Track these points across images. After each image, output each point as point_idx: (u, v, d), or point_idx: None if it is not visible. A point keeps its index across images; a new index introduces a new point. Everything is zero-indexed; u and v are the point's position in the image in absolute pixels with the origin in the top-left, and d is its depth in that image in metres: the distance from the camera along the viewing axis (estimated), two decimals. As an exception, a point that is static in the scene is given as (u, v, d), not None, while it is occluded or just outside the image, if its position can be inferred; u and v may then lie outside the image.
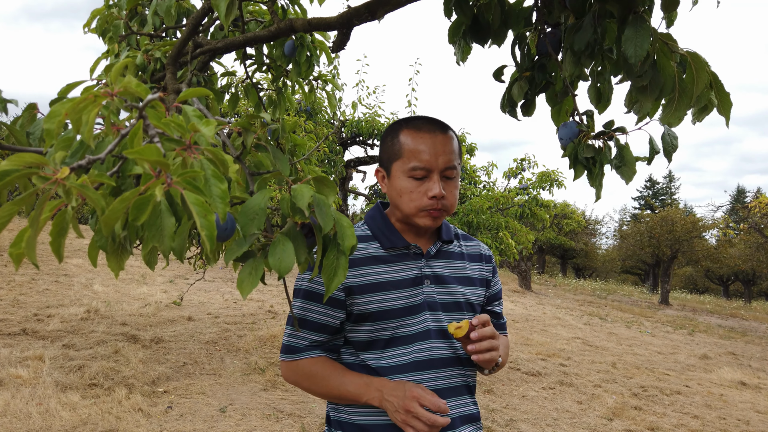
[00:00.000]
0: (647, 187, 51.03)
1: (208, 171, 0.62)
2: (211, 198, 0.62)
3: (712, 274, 27.44)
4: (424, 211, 1.30)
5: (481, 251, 1.50)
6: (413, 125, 1.32)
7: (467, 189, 6.89)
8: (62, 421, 3.68)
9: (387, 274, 1.33)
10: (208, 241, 0.54)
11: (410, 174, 1.29)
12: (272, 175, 0.90)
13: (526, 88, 1.33)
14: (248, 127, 0.91)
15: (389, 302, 1.31)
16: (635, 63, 1.02)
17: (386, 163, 1.36)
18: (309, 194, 0.86)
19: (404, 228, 1.39)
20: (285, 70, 1.85)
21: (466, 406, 1.37)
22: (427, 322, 1.33)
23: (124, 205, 0.53)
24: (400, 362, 1.31)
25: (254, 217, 0.87)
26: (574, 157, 1.21)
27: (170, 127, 0.59)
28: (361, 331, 1.32)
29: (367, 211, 1.57)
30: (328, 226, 0.88)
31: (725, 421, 5.18)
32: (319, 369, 1.31)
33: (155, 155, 0.49)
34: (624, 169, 1.21)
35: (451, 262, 1.41)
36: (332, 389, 1.30)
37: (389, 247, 1.35)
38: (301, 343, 1.32)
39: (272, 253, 0.87)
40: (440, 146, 1.29)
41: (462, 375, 1.37)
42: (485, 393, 5.33)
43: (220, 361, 5.42)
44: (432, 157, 1.27)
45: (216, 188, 0.61)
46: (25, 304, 6.83)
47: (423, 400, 1.19)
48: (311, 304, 1.32)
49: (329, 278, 0.91)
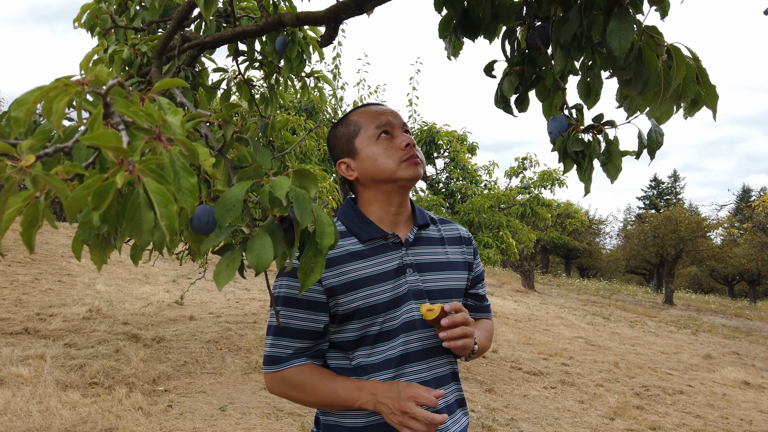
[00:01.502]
0: (652, 186, 50.85)
1: (177, 163, 0.61)
2: (180, 192, 0.61)
3: (717, 273, 27.31)
4: (405, 162, 1.31)
5: (459, 234, 1.48)
6: (359, 107, 1.40)
7: (468, 188, 6.88)
8: (62, 419, 3.69)
9: (368, 269, 1.30)
10: (168, 231, 0.53)
11: (377, 134, 1.33)
12: (252, 168, 0.89)
13: (516, 82, 1.32)
14: (228, 120, 0.90)
15: (374, 297, 1.28)
16: (619, 56, 1.01)
17: (347, 148, 1.37)
18: (287, 186, 0.85)
19: (380, 218, 1.36)
20: (277, 66, 1.84)
21: (453, 392, 1.38)
22: (412, 312, 1.31)
23: (86, 193, 0.52)
24: (389, 356, 1.29)
25: (231, 209, 0.86)
26: (564, 151, 1.20)
27: (139, 116, 0.59)
28: (349, 330, 1.29)
29: (338, 209, 1.57)
30: (306, 221, 0.87)
31: (728, 420, 5.15)
32: (306, 377, 1.27)
33: (113, 141, 0.49)
34: (610, 166, 1.20)
35: (431, 247, 1.39)
36: (323, 397, 1.26)
37: (367, 240, 1.32)
38: (285, 352, 1.28)
39: (250, 248, 0.86)
40: (389, 111, 1.36)
41: (449, 362, 1.37)
42: (486, 392, 5.31)
43: (221, 360, 5.42)
44: (389, 117, 1.34)
45: (185, 181, 0.61)
46: (27, 303, 6.86)
47: (420, 398, 1.16)
48: (292, 310, 1.27)
49: (305, 275, 0.90)
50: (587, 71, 1.30)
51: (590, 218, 29.73)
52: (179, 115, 0.58)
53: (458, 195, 6.96)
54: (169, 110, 0.60)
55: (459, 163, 7.07)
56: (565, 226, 19.82)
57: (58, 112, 0.62)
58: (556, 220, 19.53)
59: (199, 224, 0.93)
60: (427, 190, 7.34)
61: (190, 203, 0.59)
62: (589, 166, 1.20)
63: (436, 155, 7.27)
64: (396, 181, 1.32)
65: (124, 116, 0.61)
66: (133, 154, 0.57)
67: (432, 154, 7.21)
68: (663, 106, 1.03)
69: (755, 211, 14.72)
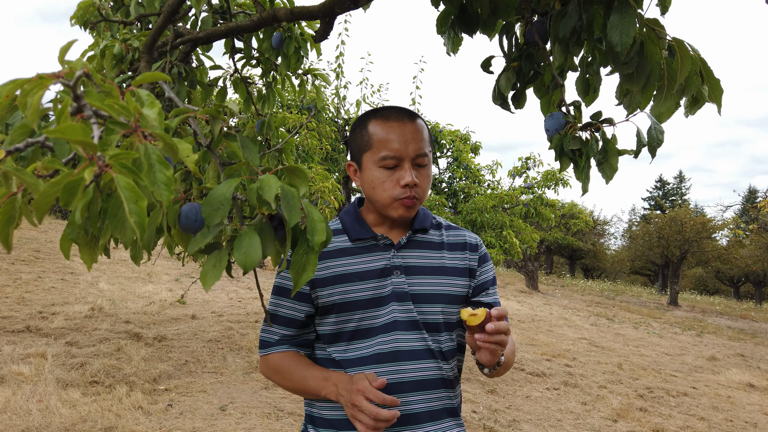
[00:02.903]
0: (657, 187, 50.63)
1: (152, 156, 0.59)
2: (155, 185, 0.59)
3: (722, 275, 27.16)
4: (398, 201, 1.28)
5: (465, 240, 1.43)
6: (381, 115, 1.31)
7: (471, 188, 6.85)
8: (62, 418, 3.68)
9: (352, 266, 1.31)
10: (137, 228, 0.51)
11: (381, 164, 1.27)
12: (240, 165, 0.87)
13: (513, 79, 1.30)
14: (216, 115, 0.88)
15: (353, 293, 1.29)
16: (621, 51, 0.98)
17: (357, 156, 1.35)
18: (276, 185, 0.83)
19: (377, 221, 1.37)
20: (274, 63, 1.82)
21: (441, 400, 1.32)
22: (393, 313, 1.29)
23: (55, 190, 0.50)
24: (362, 354, 1.29)
25: (219, 207, 0.84)
26: (560, 149, 1.17)
27: (113, 109, 0.57)
28: (327, 323, 1.32)
29: (344, 207, 1.55)
30: (295, 219, 0.84)
31: (732, 423, 5.10)
32: (285, 363, 1.33)
33: (79, 135, 0.47)
34: (605, 166, 1.18)
35: (424, 251, 1.37)
36: (296, 383, 1.31)
37: (356, 239, 1.34)
38: (273, 338, 1.36)
39: (238, 246, 0.84)
40: (410, 134, 1.27)
41: (436, 368, 1.31)
42: (488, 393, 5.28)
43: (222, 359, 5.41)
44: (402, 146, 1.26)
45: (161, 174, 0.58)
46: (30, 301, 6.87)
47: (368, 393, 1.15)
48: (281, 299, 1.35)
49: (297, 274, 0.89)
50: (586, 68, 1.28)
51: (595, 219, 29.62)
52: (156, 108, 0.56)
53: (461, 195, 6.93)
54: (146, 102, 0.58)
55: (462, 162, 7.03)
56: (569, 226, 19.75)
57: (32, 106, 0.60)
58: (560, 220, 19.45)
59: (187, 222, 0.91)
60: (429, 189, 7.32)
61: (167, 197, 0.57)
62: (586, 165, 1.17)
63: (439, 155, 7.24)
64: (385, 214, 1.33)
65: (100, 110, 0.59)
66: (106, 148, 0.54)
67: (435, 154, 7.18)
68: (668, 101, 1.00)
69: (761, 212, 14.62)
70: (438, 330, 1.32)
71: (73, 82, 0.52)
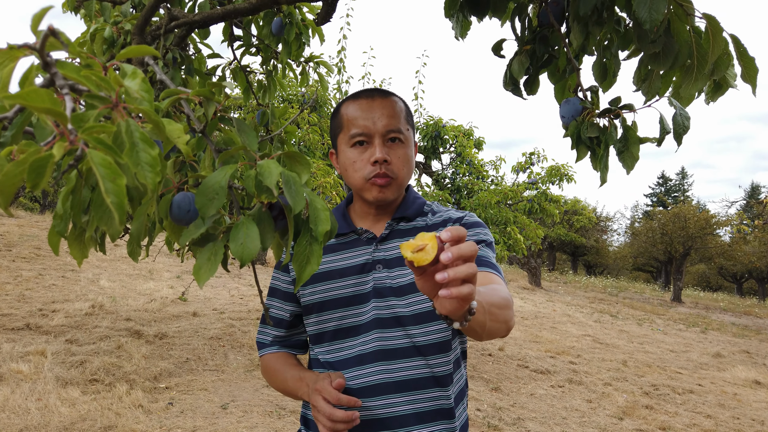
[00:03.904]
0: (659, 183, 50.45)
1: (135, 133, 0.52)
2: (139, 166, 0.53)
3: (725, 271, 27.03)
4: (369, 181, 1.21)
5: (449, 216, 1.29)
6: (352, 96, 1.27)
7: (475, 183, 6.78)
8: (61, 416, 3.63)
9: (333, 263, 1.26)
10: (116, 210, 0.44)
11: (351, 142, 1.22)
12: (235, 149, 0.80)
13: (527, 63, 1.23)
14: (210, 97, 0.82)
15: (333, 291, 1.24)
16: (650, 28, 0.91)
17: (334, 141, 1.31)
18: (277, 171, 0.77)
19: (363, 213, 1.31)
20: (274, 51, 1.76)
21: (432, 400, 1.20)
22: (375, 310, 1.21)
23: (20, 169, 0.44)
24: (346, 356, 1.22)
25: (214, 197, 0.78)
26: (577, 136, 1.10)
27: (91, 81, 0.50)
28: (311, 323, 1.29)
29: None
30: (299, 205, 0.78)
31: (739, 421, 5.04)
32: (273, 364, 1.32)
33: (46, 102, 0.40)
34: (626, 155, 1.11)
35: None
36: (280, 384, 1.29)
37: (337, 234, 1.29)
38: (266, 339, 1.35)
39: (234, 237, 0.78)
40: (379, 109, 1.21)
41: (424, 365, 1.19)
42: (492, 391, 5.22)
43: (224, 357, 5.35)
44: (370, 122, 1.20)
45: (144, 154, 0.52)
46: (30, 299, 6.82)
47: (324, 393, 1.09)
48: (273, 299, 1.34)
49: (301, 266, 0.82)
50: (603, 51, 1.21)
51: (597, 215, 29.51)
52: (138, 78, 0.49)
53: (464, 190, 6.86)
54: (128, 73, 0.51)
55: (465, 158, 6.96)
56: (572, 223, 19.65)
57: (2, 80, 0.54)
58: (563, 216, 19.36)
59: (179, 213, 0.85)
60: (432, 185, 7.24)
61: (152, 179, 0.50)
62: (604, 154, 1.10)
63: (442, 150, 7.16)
64: (363, 198, 1.26)
65: (77, 83, 0.52)
66: (82, 124, 0.48)
67: (438, 149, 7.10)
68: (698, 83, 0.93)
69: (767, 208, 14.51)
70: (427, 321, 1.20)
71: (40, 44, 0.46)
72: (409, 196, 1.33)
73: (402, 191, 1.28)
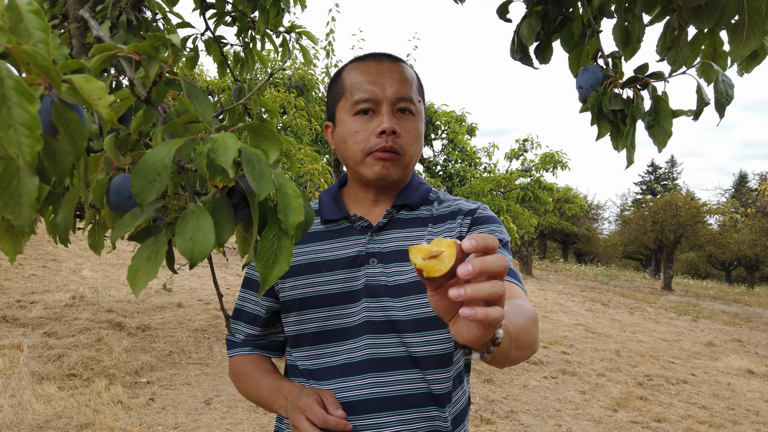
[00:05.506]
0: (649, 172, 50.62)
1: (7, 81, 0.36)
2: (11, 128, 0.36)
3: (714, 259, 27.21)
4: (371, 155, 1.03)
5: (458, 207, 1.12)
6: (357, 59, 1.10)
7: (467, 171, 6.62)
8: (35, 414, 3.46)
9: (320, 254, 1.08)
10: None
11: (355, 110, 1.04)
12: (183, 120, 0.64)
13: (538, 26, 1.07)
14: (152, 54, 0.65)
15: (318, 287, 1.06)
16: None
17: (331, 112, 1.13)
18: (235, 147, 0.60)
19: (358, 197, 1.13)
20: (251, 19, 1.58)
21: (427, 420, 1.03)
22: (366, 312, 1.04)
23: None
24: (328, 363, 1.05)
25: (155, 179, 0.61)
26: (598, 110, 0.94)
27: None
28: (289, 323, 1.10)
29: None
30: (264, 190, 0.61)
31: (734, 411, 4.97)
32: (244, 368, 1.15)
33: None
34: (657, 129, 0.95)
35: (405, 231, 1.09)
36: (252, 392, 1.12)
37: (327, 220, 1.11)
38: (237, 337, 1.18)
39: (181, 230, 0.61)
40: (388, 74, 1.05)
41: (420, 379, 1.03)
42: (484, 383, 5.11)
43: (208, 349, 5.19)
44: (378, 87, 1.03)
45: (18, 111, 0.36)
46: (9, 289, 6.60)
47: (308, 412, 0.94)
48: (248, 292, 1.17)
49: (266, 266, 0.65)
50: (625, 13, 1.05)
51: (589, 203, 29.53)
52: (33, 5, 0.33)
53: (456, 178, 6.70)
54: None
55: (458, 144, 6.80)
56: (564, 211, 19.61)
57: None
58: (555, 204, 19.32)
59: (118, 199, 0.68)
60: (424, 172, 7.08)
61: (28, 146, 0.34)
62: (631, 129, 0.95)
63: (434, 136, 6.99)
64: (360, 176, 1.08)
65: None
66: None
67: (429, 135, 6.93)
68: (750, 42, 0.77)
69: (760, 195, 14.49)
70: (427, 328, 1.03)
71: None
72: (413, 181, 1.15)
73: (407, 173, 1.10)
